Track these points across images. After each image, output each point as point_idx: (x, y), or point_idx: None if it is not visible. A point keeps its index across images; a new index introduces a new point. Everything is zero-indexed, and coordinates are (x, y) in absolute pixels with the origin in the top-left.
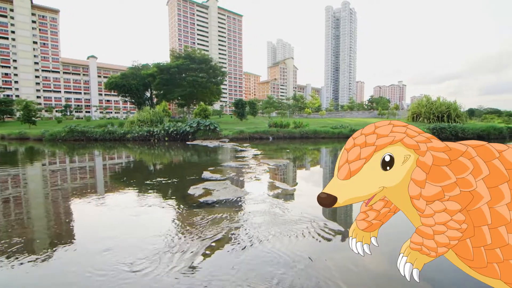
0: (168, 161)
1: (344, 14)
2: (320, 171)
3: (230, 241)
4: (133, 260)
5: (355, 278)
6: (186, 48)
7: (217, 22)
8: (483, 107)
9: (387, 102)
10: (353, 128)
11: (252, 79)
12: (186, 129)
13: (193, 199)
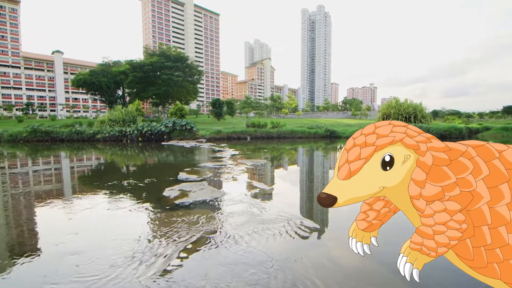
0: (142, 162)
1: (319, 17)
2: (297, 170)
3: (207, 243)
4: (102, 266)
5: (330, 274)
6: (161, 46)
7: (193, 20)
8: (445, 109)
9: (359, 103)
10: (329, 128)
11: (230, 79)
12: (161, 129)
13: (169, 201)
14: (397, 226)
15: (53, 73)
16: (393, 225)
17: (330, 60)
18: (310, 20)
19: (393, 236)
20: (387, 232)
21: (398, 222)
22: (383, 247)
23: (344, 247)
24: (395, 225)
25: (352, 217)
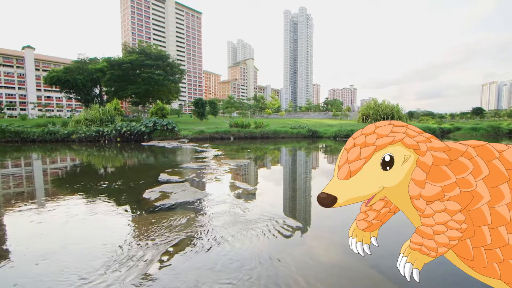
0: (121, 163)
1: (302, 19)
2: (280, 170)
3: (188, 245)
4: (78, 272)
5: (312, 271)
6: (140, 43)
7: (174, 18)
8: (420, 110)
9: (340, 104)
10: (311, 128)
11: (213, 78)
12: (141, 129)
13: (149, 203)
14: (397, 226)
15: (24, 70)
16: (393, 225)
17: (312, 61)
18: (292, 22)
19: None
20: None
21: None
22: None
23: (325, 245)
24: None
25: (334, 215)
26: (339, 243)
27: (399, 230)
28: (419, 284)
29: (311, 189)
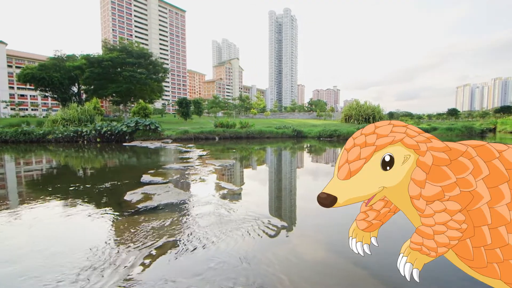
0: (101, 164)
1: (286, 20)
2: (266, 170)
3: (172, 247)
4: (57, 278)
5: (295, 269)
6: (121, 40)
7: (157, 15)
8: (399, 111)
9: (324, 104)
10: (295, 129)
11: (197, 78)
12: (123, 129)
13: (131, 205)
14: (397, 226)
15: None
16: (393, 225)
17: (296, 62)
18: (277, 23)
19: None
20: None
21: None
22: (346, 241)
23: (310, 243)
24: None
25: (320, 214)
26: (323, 241)
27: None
28: (402, 282)
29: (297, 189)
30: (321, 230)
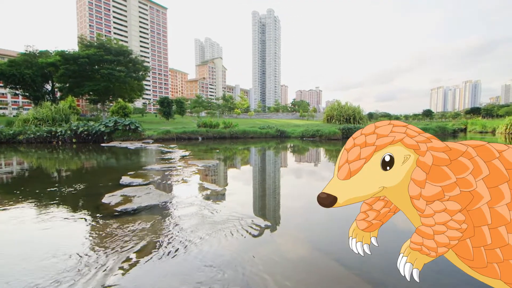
0: (77, 166)
1: (269, 21)
2: (250, 170)
3: (153, 250)
4: (28, 286)
5: (279, 268)
6: (99, 37)
7: (137, 11)
8: (379, 111)
9: (307, 105)
10: (279, 129)
11: (179, 77)
12: (101, 129)
13: (109, 208)
14: (397, 226)
15: None
16: (393, 225)
17: (280, 63)
18: (260, 23)
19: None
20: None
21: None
22: (328, 239)
23: (293, 242)
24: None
25: (304, 212)
26: (306, 239)
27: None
28: (383, 277)
29: (281, 188)
30: (305, 228)
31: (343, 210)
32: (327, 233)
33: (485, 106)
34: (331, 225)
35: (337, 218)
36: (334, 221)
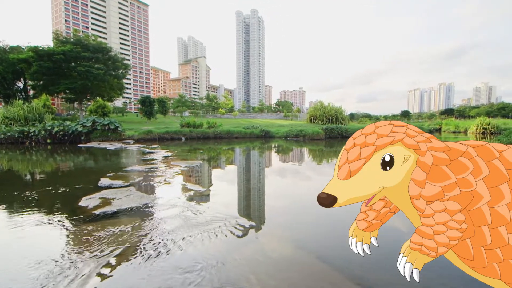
0: (52, 168)
1: (253, 21)
2: (235, 170)
3: (134, 254)
4: None
5: (263, 268)
6: (76, 32)
7: (117, 7)
8: (360, 112)
9: (291, 105)
10: (263, 129)
11: (162, 76)
12: (78, 129)
13: (87, 211)
14: (397, 226)
15: None
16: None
17: (264, 63)
18: (244, 23)
19: (323, 228)
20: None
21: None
22: (312, 237)
23: (276, 241)
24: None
25: (288, 211)
26: (290, 238)
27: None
28: (363, 274)
29: (265, 188)
30: (289, 227)
31: (327, 209)
32: (310, 231)
33: (458, 107)
34: (315, 224)
35: (320, 216)
36: (318, 219)
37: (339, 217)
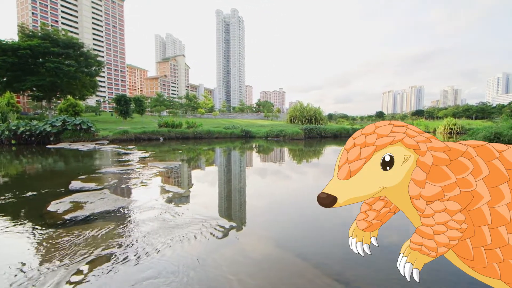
0: (17, 171)
1: (234, 20)
2: (215, 170)
3: (108, 260)
4: None
5: (243, 268)
6: (44, 26)
7: (90, 1)
8: (337, 113)
9: (271, 106)
10: (244, 129)
11: (138, 74)
12: (46, 129)
13: (56, 216)
14: (398, 226)
15: None
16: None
17: (244, 63)
18: (224, 22)
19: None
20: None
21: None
22: (292, 236)
23: (256, 241)
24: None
25: (268, 211)
26: (270, 237)
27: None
28: (342, 270)
29: (246, 188)
30: (269, 227)
31: (308, 207)
32: (291, 229)
33: (428, 108)
34: (295, 222)
35: (300, 214)
36: (298, 218)
37: (318, 215)
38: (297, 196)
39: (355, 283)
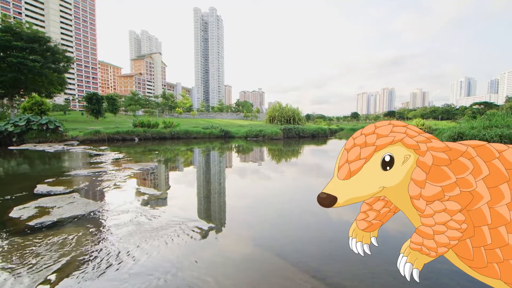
0: None
1: (212, 19)
2: (193, 171)
3: (78, 268)
4: None
5: (221, 269)
6: (5, 18)
7: None
8: (315, 113)
9: (250, 106)
10: (223, 129)
11: (111, 71)
12: (8, 128)
13: (19, 223)
14: (396, 226)
15: None
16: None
17: (223, 62)
18: (203, 21)
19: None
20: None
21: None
22: (270, 235)
23: (235, 242)
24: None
25: (247, 211)
26: (248, 237)
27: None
28: (318, 267)
29: (226, 188)
30: (248, 227)
31: (287, 206)
32: (269, 229)
33: (398, 110)
34: (274, 221)
35: (280, 214)
36: (277, 217)
37: (296, 214)
38: (276, 195)
39: (331, 279)
